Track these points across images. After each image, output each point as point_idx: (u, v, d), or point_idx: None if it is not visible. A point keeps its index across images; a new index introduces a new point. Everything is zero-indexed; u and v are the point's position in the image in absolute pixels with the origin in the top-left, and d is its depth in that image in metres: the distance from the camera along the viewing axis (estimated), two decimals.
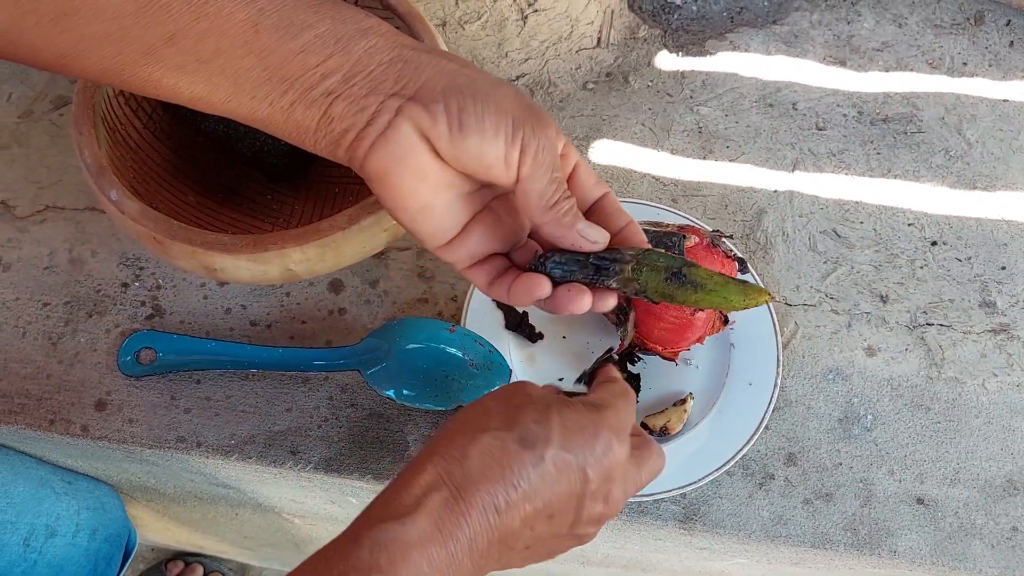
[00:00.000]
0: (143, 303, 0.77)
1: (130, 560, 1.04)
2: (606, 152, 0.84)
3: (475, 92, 0.47)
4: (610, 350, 0.69)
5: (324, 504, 0.83)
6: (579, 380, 0.71)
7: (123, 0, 0.44)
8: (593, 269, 0.50)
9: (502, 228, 0.52)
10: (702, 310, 0.67)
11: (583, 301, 0.50)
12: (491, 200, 0.52)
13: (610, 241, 0.51)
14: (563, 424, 0.49)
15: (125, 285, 0.78)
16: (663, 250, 0.52)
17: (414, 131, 0.47)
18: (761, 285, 0.52)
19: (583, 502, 0.49)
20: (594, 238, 0.50)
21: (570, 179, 0.51)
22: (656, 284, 0.50)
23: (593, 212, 0.52)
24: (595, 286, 0.51)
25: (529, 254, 0.53)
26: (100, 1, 0.44)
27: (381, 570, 0.43)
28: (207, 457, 0.72)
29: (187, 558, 1.52)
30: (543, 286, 0.50)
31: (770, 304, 0.73)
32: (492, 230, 0.52)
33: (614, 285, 0.51)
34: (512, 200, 0.52)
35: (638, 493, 0.67)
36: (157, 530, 1.22)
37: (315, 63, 0.46)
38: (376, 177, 0.48)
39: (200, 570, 1.50)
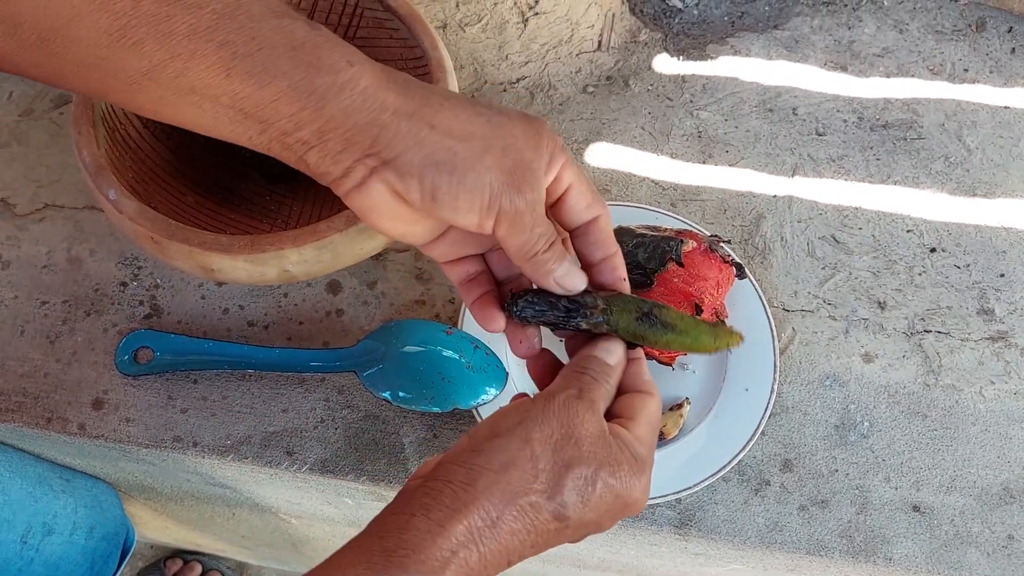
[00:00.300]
0: (141, 302, 0.77)
1: (128, 558, 1.04)
2: (605, 156, 0.84)
3: (453, 169, 0.46)
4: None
5: (320, 505, 0.83)
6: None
7: (97, 34, 0.44)
8: (564, 311, 0.51)
9: (478, 234, 0.53)
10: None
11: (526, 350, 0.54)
12: None
13: (589, 266, 0.53)
14: (601, 497, 0.48)
15: (123, 284, 0.78)
16: (634, 295, 0.53)
17: (387, 190, 0.47)
18: (733, 328, 0.53)
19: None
20: (569, 287, 0.51)
21: (560, 201, 0.51)
22: (627, 324, 0.51)
23: (578, 235, 0.53)
24: (565, 328, 0.52)
25: (504, 257, 0.54)
26: (75, 33, 0.44)
27: None
28: (203, 457, 0.72)
29: (185, 556, 1.52)
30: (495, 323, 0.53)
31: (767, 309, 0.73)
32: (466, 238, 0.53)
33: (583, 326, 0.51)
34: None
35: None
36: (155, 528, 1.22)
37: (288, 113, 0.46)
38: (357, 212, 0.50)
39: (198, 568, 1.50)
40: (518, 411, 0.49)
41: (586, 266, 0.53)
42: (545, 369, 0.55)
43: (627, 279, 0.53)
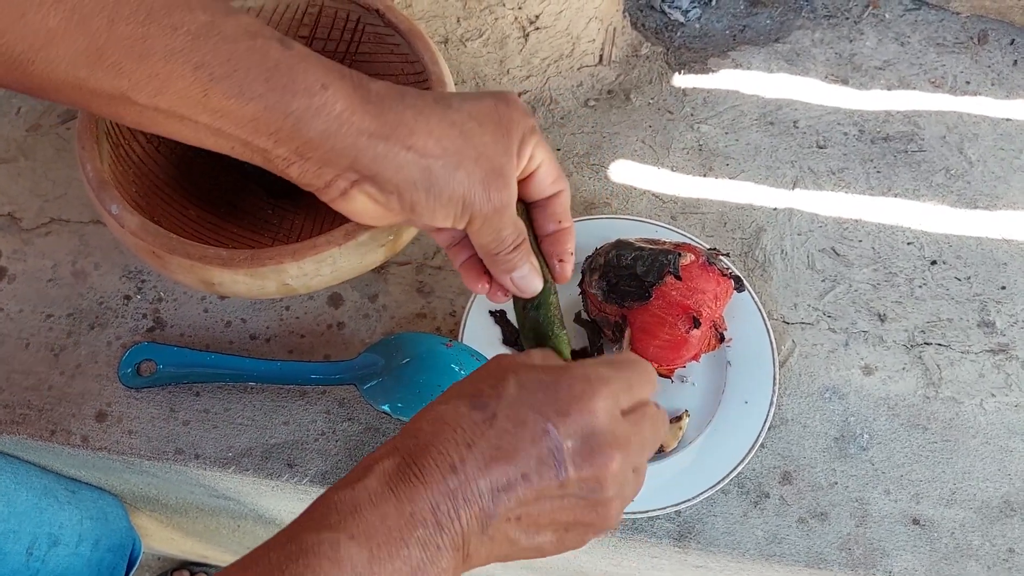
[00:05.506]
0: (144, 315, 0.78)
1: (134, 570, 1.04)
2: (606, 169, 0.84)
3: (429, 187, 0.50)
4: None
5: None
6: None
7: (74, 55, 0.45)
8: None
9: None
10: (693, 326, 0.67)
11: (500, 299, 0.59)
12: None
13: (542, 237, 0.58)
14: (519, 383, 0.48)
15: (127, 298, 0.79)
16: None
17: (369, 200, 0.51)
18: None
19: (560, 457, 0.46)
20: (523, 288, 0.56)
21: (529, 177, 0.55)
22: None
23: (538, 207, 0.57)
24: None
25: None
26: (52, 55, 0.45)
27: (331, 527, 0.43)
28: (205, 469, 0.73)
29: (193, 568, 1.52)
30: (480, 286, 0.58)
31: (767, 322, 0.73)
32: None
33: None
34: None
35: (633, 505, 0.67)
36: (162, 540, 1.23)
37: (266, 132, 0.48)
38: (342, 212, 0.54)
39: None
40: None
41: (540, 237, 0.57)
42: None
43: (573, 253, 0.58)
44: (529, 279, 0.55)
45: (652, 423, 0.51)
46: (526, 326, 0.59)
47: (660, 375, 0.71)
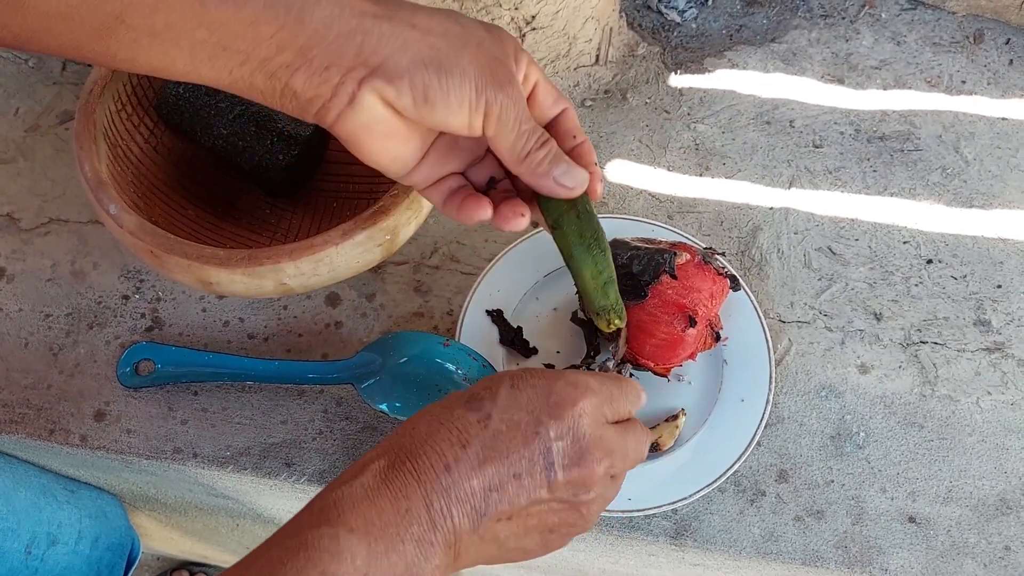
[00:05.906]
0: (143, 315, 0.78)
1: (133, 569, 1.04)
2: (603, 169, 0.85)
3: (440, 65, 0.47)
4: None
5: None
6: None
7: None
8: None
9: (458, 149, 0.55)
10: (687, 323, 0.67)
11: (519, 222, 0.54)
12: None
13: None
14: (513, 386, 0.49)
15: (126, 297, 0.79)
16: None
17: (379, 101, 0.48)
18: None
19: (550, 459, 0.48)
20: (570, 184, 0.53)
21: (529, 98, 0.53)
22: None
23: (548, 129, 0.54)
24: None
25: (486, 171, 0.56)
26: None
27: (330, 522, 0.44)
28: (203, 468, 0.73)
29: (192, 568, 1.52)
30: (482, 211, 0.54)
31: (763, 321, 0.73)
32: (446, 155, 0.55)
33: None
34: None
35: (617, 502, 0.68)
36: (161, 539, 1.23)
37: (268, 34, 0.46)
38: (347, 139, 0.50)
39: None
40: None
41: None
42: None
43: (597, 163, 0.55)
44: (572, 172, 0.53)
45: (636, 438, 0.53)
46: (571, 236, 0.56)
47: (657, 374, 0.71)
